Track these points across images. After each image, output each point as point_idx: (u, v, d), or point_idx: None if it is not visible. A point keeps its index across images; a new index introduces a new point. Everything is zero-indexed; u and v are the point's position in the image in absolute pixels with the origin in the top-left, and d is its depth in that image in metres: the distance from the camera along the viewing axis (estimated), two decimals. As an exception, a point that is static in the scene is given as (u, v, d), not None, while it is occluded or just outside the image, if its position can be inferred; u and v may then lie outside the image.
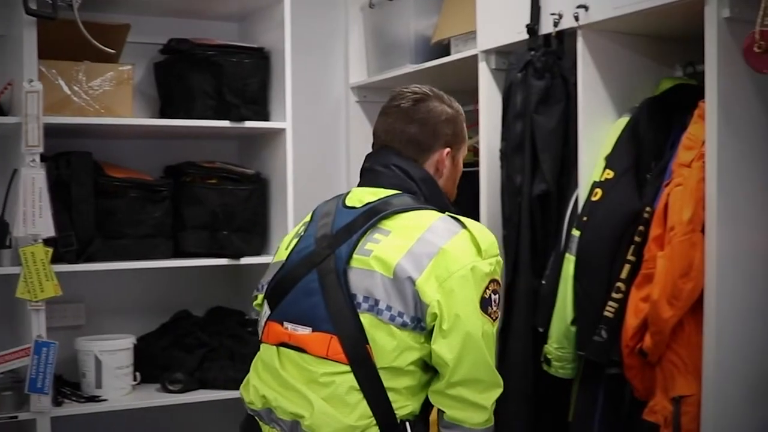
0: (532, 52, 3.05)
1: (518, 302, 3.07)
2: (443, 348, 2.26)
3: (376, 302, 2.29)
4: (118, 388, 3.64)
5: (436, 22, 3.91)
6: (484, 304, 2.29)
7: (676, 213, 2.56)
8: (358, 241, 2.37)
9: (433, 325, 2.27)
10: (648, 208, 2.70)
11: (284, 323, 2.42)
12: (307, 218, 2.62)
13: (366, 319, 2.29)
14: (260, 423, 2.43)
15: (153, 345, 3.90)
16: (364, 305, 2.30)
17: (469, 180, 3.47)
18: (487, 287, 2.31)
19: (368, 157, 2.61)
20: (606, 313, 2.71)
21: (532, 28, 3.06)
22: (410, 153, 2.53)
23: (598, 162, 2.87)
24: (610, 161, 2.82)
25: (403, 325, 2.28)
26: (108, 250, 3.61)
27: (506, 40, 3.24)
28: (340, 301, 2.32)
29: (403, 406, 2.31)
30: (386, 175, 2.50)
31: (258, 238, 3.93)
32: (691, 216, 2.51)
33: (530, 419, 3.05)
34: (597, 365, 2.77)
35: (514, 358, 3.08)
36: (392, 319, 2.28)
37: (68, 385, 3.65)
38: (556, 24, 2.98)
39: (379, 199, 2.45)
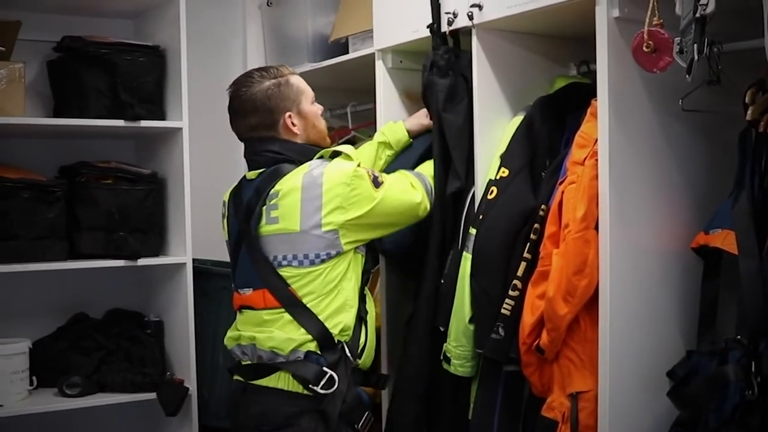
0: (435, 51, 3.04)
1: (421, 302, 3.06)
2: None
3: (294, 256, 2.86)
4: (14, 393, 3.58)
5: (334, 20, 3.89)
6: (375, 182, 2.88)
7: (570, 210, 2.57)
8: (261, 212, 2.91)
9: (352, 242, 2.88)
10: (543, 206, 2.71)
11: (239, 290, 3.02)
12: (226, 197, 3.14)
13: (286, 272, 2.87)
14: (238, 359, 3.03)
15: (49, 348, 3.84)
16: (283, 262, 2.88)
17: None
18: (368, 174, 2.88)
19: (244, 149, 3.09)
20: (503, 311, 2.72)
21: (433, 27, 3.06)
22: (264, 133, 3.01)
23: (493, 160, 2.89)
24: (505, 160, 2.83)
25: (322, 261, 2.85)
26: (0, 252, 3.53)
27: (402, 38, 3.24)
28: (263, 263, 2.91)
29: (337, 323, 2.86)
30: (261, 161, 3.00)
31: (155, 238, 3.89)
32: (585, 213, 2.52)
33: (422, 419, 3.06)
34: (495, 363, 2.78)
35: (412, 357, 3.08)
36: (312, 263, 2.85)
37: (-38, 391, 3.58)
38: (450, 23, 2.98)
39: (259, 175, 2.97)
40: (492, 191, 2.80)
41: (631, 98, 2.52)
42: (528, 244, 2.72)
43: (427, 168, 3.11)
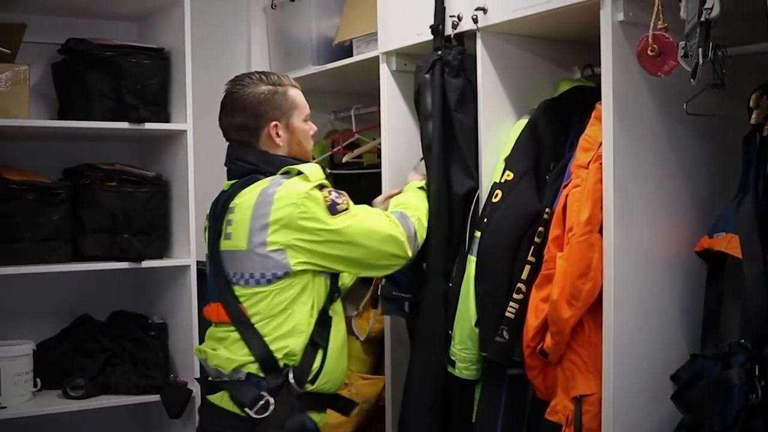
0: (439, 52, 3.03)
1: (428, 306, 3.01)
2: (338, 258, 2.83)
3: (242, 275, 2.82)
4: (18, 395, 3.58)
5: (338, 23, 3.90)
6: (332, 208, 2.75)
7: (574, 214, 2.58)
8: (221, 228, 2.90)
9: (302, 263, 2.78)
10: (547, 209, 2.71)
11: (209, 302, 2.99)
12: (208, 211, 3.08)
13: (238, 290, 2.82)
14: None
15: (53, 350, 3.84)
16: (234, 279, 2.84)
17: (373, 181, 3.49)
18: (325, 198, 2.78)
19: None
20: (507, 314, 2.72)
21: (437, 28, 3.05)
22: (244, 137, 2.95)
23: (498, 163, 2.89)
24: (509, 163, 2.83)
25: (268, 282, 2.78)
26: (5, 253, 3.54)
27: (407, 41, 3.24)
28: (221, 277, 2.88)
29: (282, 347, 2.78)
30: (235, 170, 2.96)
31: (159, 240, 3.89)
32: (589, 217, 2.53)
33: (436, 427, 3.02)
34: (499, 366, 2.78)
35: (423, 363, 3.03)
36: (257, 282, 2.79)
37: (-34, 392, 3.58)
38: (455, 26, 2.98)
39: (231, 186, 2.93)
40: (496, 194, 2.80)
41: (635, 102, 2.53)
42: (532, 247, 2.72)
43: (416, 205, 3.02)
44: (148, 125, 3.77)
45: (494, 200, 2.80)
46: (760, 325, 2.32)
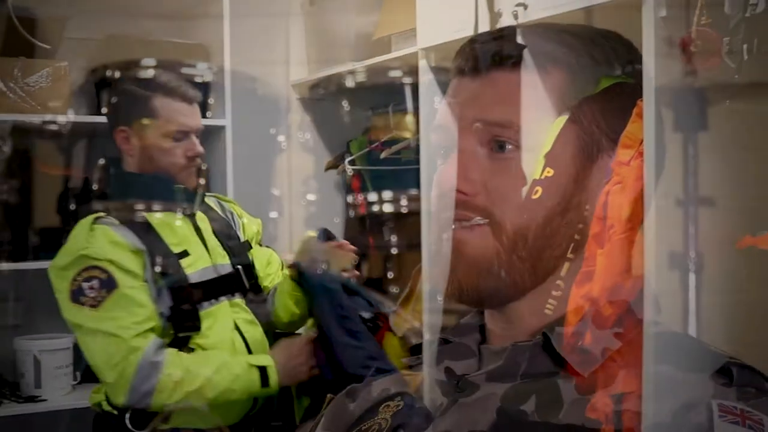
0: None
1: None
2: None
3: None
4: (58, 387, 3.62)
5: (377, 18, 3.90)
6: (74, 295, 2.58)
7: (615, 211, 2.55)
8: None
9: None
10: (587, 206, 2.69)
11: None
12: None
13: None
14: None
15: (92, 344, 3.85)
16: None
17: (410, 176, 3.49)
18: (74, 280, 2.56)
19: None
20: (546, 311, 2.71)
21: (497, 12, 3.00)
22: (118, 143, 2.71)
23: (537, 160, 2.87)
24: (549, 159, 2.80)
25: None
26: (45, 248, 3.57)
27: (446, 37, 3.23)
28: None
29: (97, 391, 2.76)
30: None
31: (198, 235, 3.89)
32: (630, 214, 2.51)
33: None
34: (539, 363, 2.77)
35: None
36: None
37: (7, 385, 3.63)
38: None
39: None
40: (536, 191, 2.78)
41: (677, 99, 2.51)
42: (572, 244, 2.71)
43: (204, 366, 2.76)
44: (187, 120, 3.78)
45: (534, 197, 2.78)
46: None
